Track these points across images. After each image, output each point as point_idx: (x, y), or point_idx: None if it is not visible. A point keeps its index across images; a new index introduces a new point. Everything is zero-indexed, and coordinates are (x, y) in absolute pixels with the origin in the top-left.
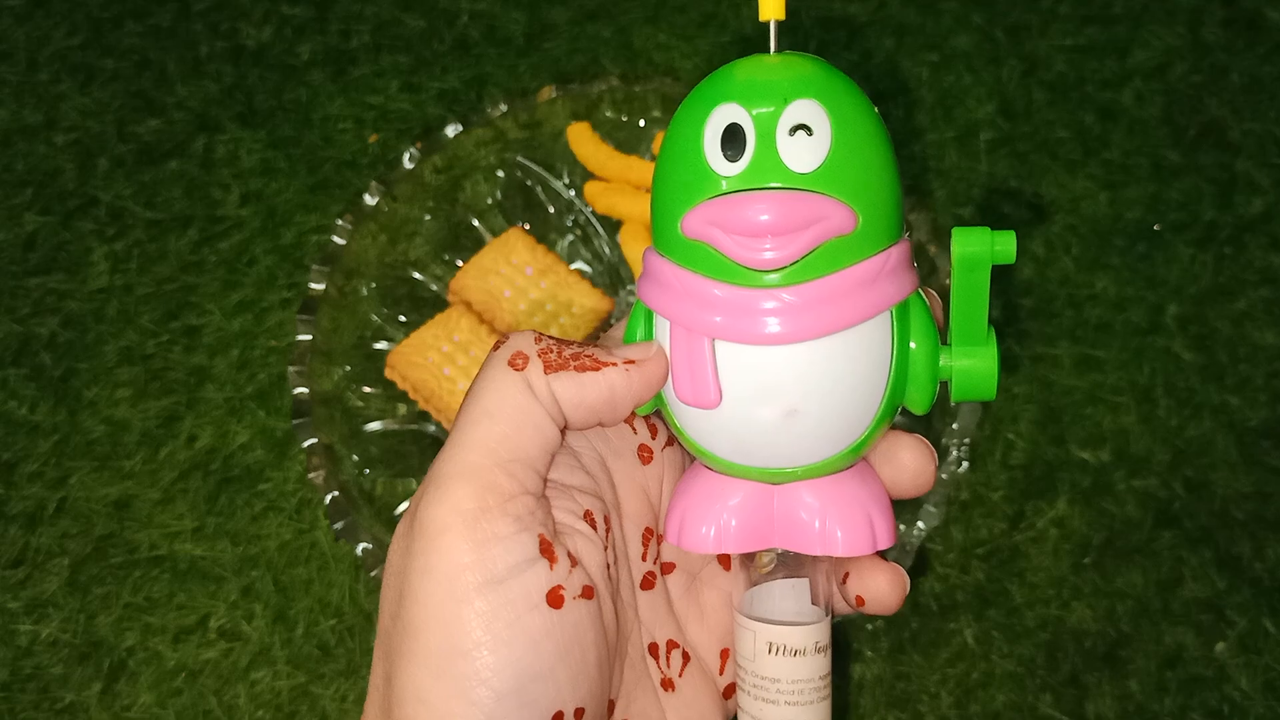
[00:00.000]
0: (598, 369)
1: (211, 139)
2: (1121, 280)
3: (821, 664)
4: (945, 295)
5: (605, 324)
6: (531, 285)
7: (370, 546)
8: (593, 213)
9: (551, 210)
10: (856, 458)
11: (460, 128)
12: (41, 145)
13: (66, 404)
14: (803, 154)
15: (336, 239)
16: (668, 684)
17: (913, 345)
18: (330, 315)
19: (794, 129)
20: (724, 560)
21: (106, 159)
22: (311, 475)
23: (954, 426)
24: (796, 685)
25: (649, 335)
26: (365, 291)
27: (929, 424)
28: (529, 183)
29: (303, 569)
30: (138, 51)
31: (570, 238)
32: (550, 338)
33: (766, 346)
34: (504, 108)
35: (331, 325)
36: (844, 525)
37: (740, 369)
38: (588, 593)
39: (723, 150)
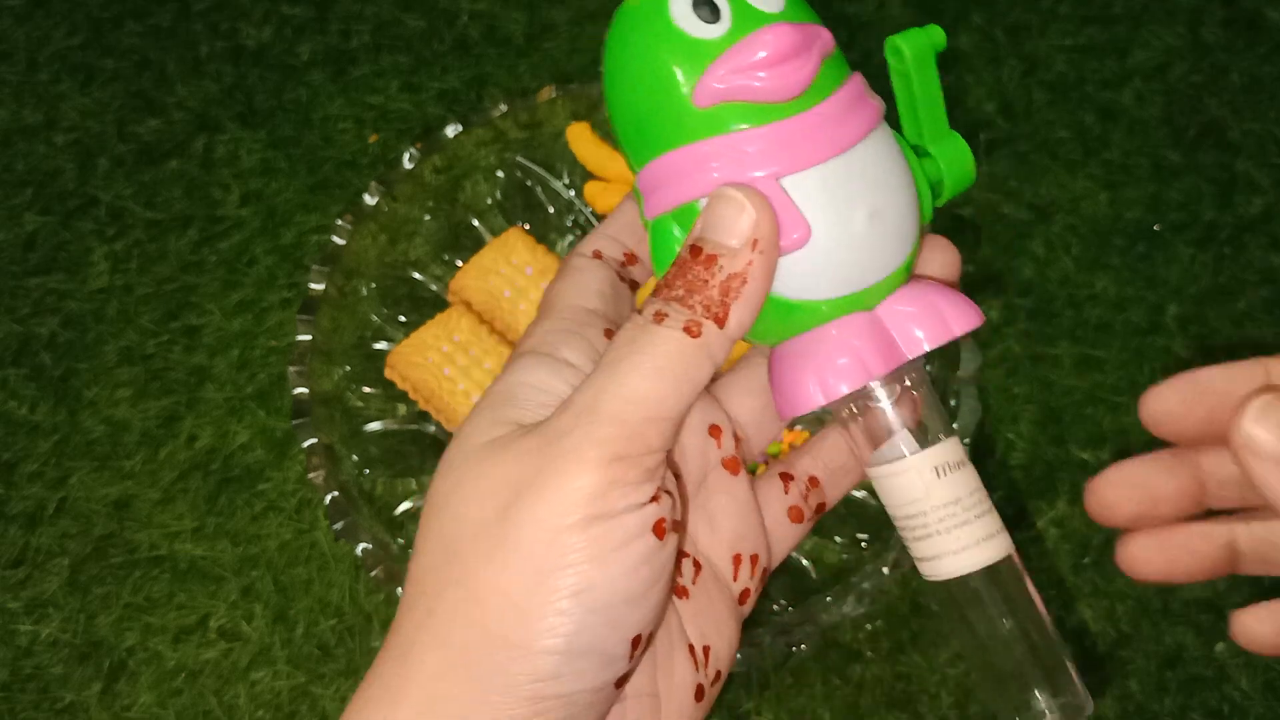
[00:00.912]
0: (746, 279)
1: (211, 139)
2: (1121, 280)
3: (974, 472)
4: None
5: None
6: (532, 285)
7: (370, 546)
8: (593, 213)
9: (551, 210)
10: (917, 258)
11: (460, 128)
12: (41, 145)
13: (66, 404)
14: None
15: (336, 239)
16: (681, 592)
17: (908, 153)
18: (330, 315)
19: None
20: (731, 465)
21: (106, 159)
22: (311, 475)
23: (954, 426)
24: (974, 495)
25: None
26: (365, 291)
27: None
28: (529, 183)
29: (303, 569)
30: (138, 51)
31: (570, 238)
32: (682, 277)
33: (831, 161)
34: (504, 108)
35: (331, 325)
36: (950, 309)
37: (816, 193)
38: (677, 526)
39: (701, 20)
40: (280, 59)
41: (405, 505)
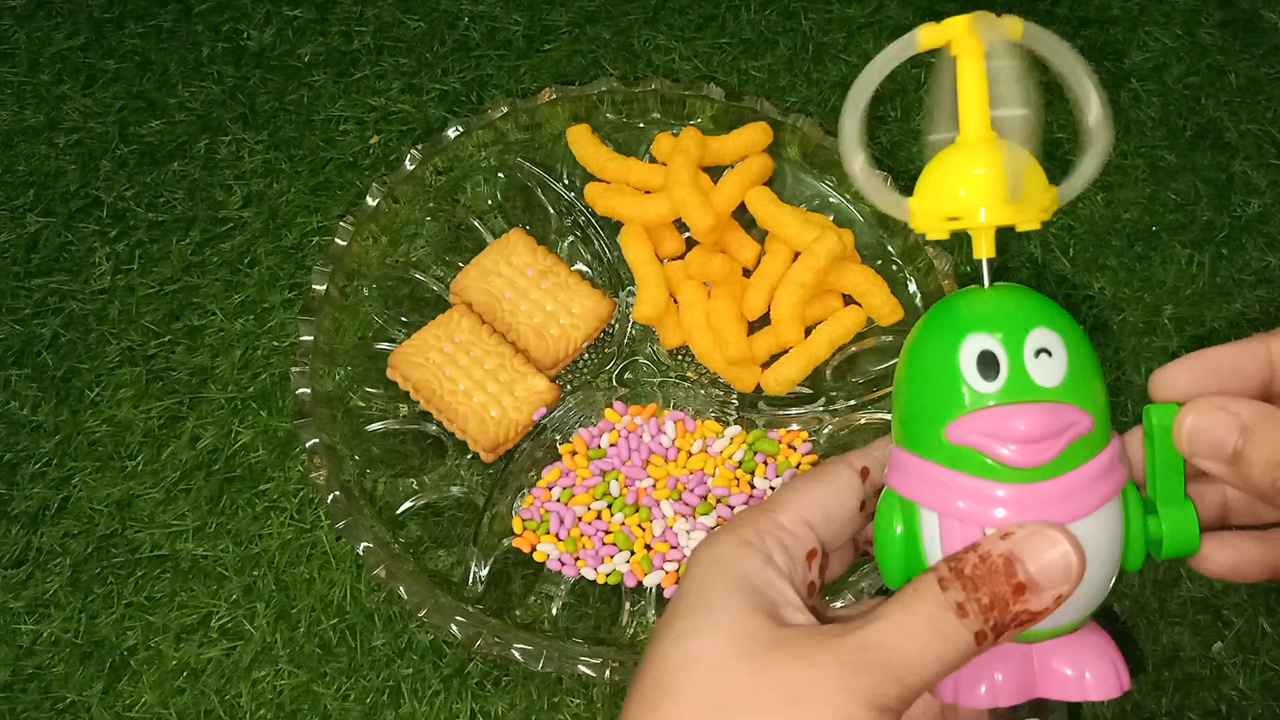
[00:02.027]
0: (1036, 619)
1: (214, 140)
2: (1119, 281)
3: None
4: None
5: (606, 326)
6: (532, 286)
7: (371, 545)
8: (593, 214)
9: (552, 212)
10: (1093, 613)
11: (461, 129)
12: (44, 146)
13: (69, 404)
14: (1047, 373)
15: (338, 240)
16: None
17: (1133, 519)
18: (332, 316)
19: (1037, 352)
20: None
21: (109, 160)
22: (313, 475)
23: None
24: None
25: (909, 522)
26: (367, 292)
27: None
28: (529, 184)
29: (304, 568)
30: (139, 53)
31: (571, 239)
32: (990, 585)
33: None
34: (504, 109)
35: (333, 326)
36: (1095, 673)
37: None
38: None
39: (979, 372)
40: (282, 60)
41: (406, 505)
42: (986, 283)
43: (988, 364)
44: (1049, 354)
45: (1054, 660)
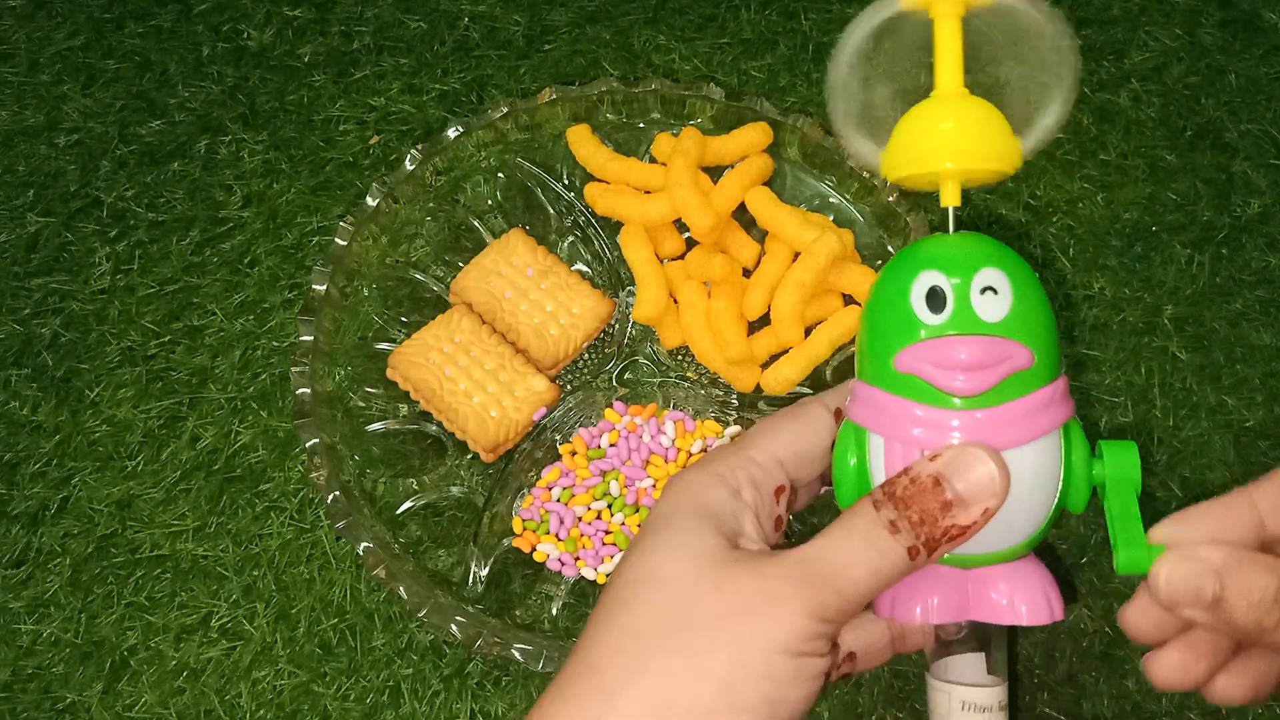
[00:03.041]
0: (965, 532)
1: (214, 140)
2: (1119, 281)
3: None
4: None
5: (606, 326)
6: (532, 286)
7: (371, 546)
8: (593, 214)
9: (552, 212)
10: (1033, 547)
11: (461, 129)
12: (44, 146)
13: (69, 404)
14: (991, 309)
15: (338, 240)
16: None
17: (1075, 458)
18: (332, 316)
19: (983, 290)
20: None
21: (109, 160)
22: (313, 475)
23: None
24: None
25: (861, 449)
26: (367, 292)
27: None
28: (529, 184)
29: (304, 568)
30: (139, 53)
31: (571, 239)
32: (919, 502)
33: None
34: (504, 109)
35: (333, 326)
36: (1027, 601)
37: None
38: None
39: (928, 306)
40: (282, 60)
41: (406, 505)
42: (951, 230)
43: (935, 299)
44: (994, 291)
45: (989, 587)
